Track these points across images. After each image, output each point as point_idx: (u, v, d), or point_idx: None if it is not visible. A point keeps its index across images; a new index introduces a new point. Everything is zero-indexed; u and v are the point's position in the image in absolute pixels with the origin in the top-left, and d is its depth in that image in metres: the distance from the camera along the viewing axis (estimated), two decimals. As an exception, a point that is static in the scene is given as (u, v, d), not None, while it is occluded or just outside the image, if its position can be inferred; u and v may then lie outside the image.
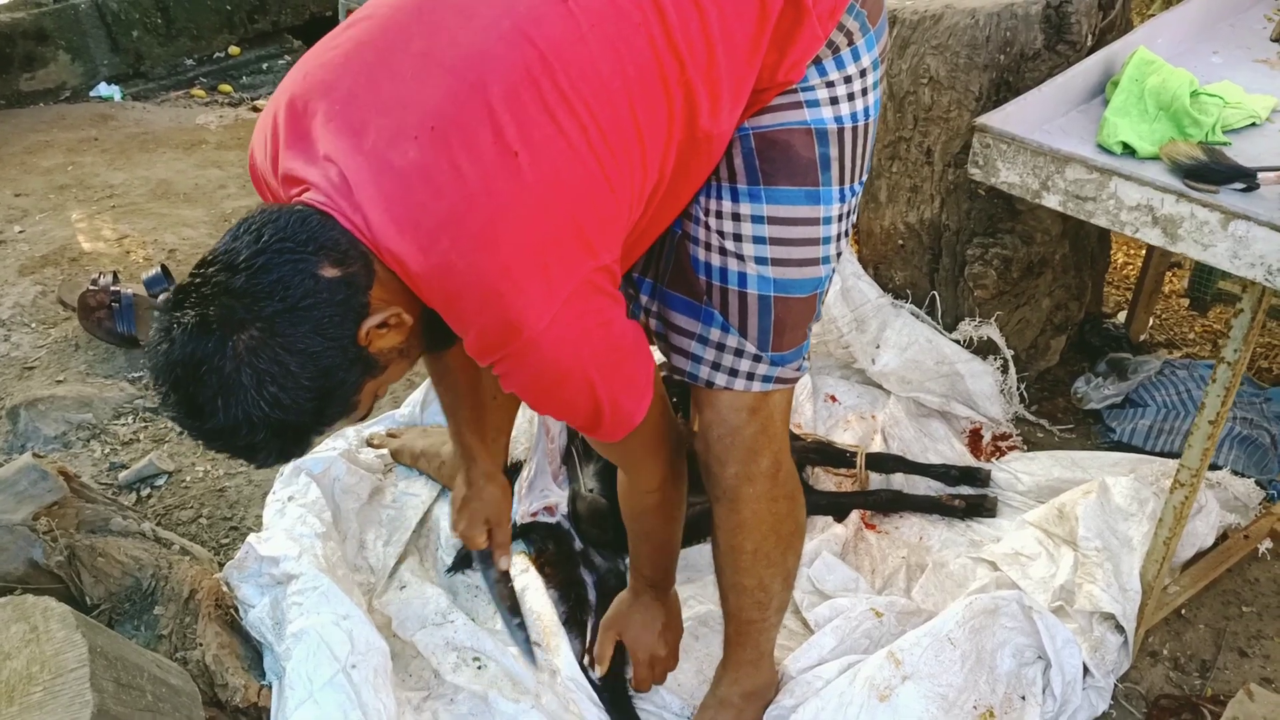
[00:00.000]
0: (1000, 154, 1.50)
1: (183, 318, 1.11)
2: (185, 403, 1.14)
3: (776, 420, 1.50)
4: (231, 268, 1.12)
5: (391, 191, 1.16)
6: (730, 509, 1.53)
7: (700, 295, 1.43)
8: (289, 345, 1.13)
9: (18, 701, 1.41)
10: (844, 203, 1.42)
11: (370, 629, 1.69)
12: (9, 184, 3.38)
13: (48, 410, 2.30)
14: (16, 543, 1.70)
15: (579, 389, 1.30)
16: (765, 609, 1.64)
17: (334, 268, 1.14)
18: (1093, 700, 1.82)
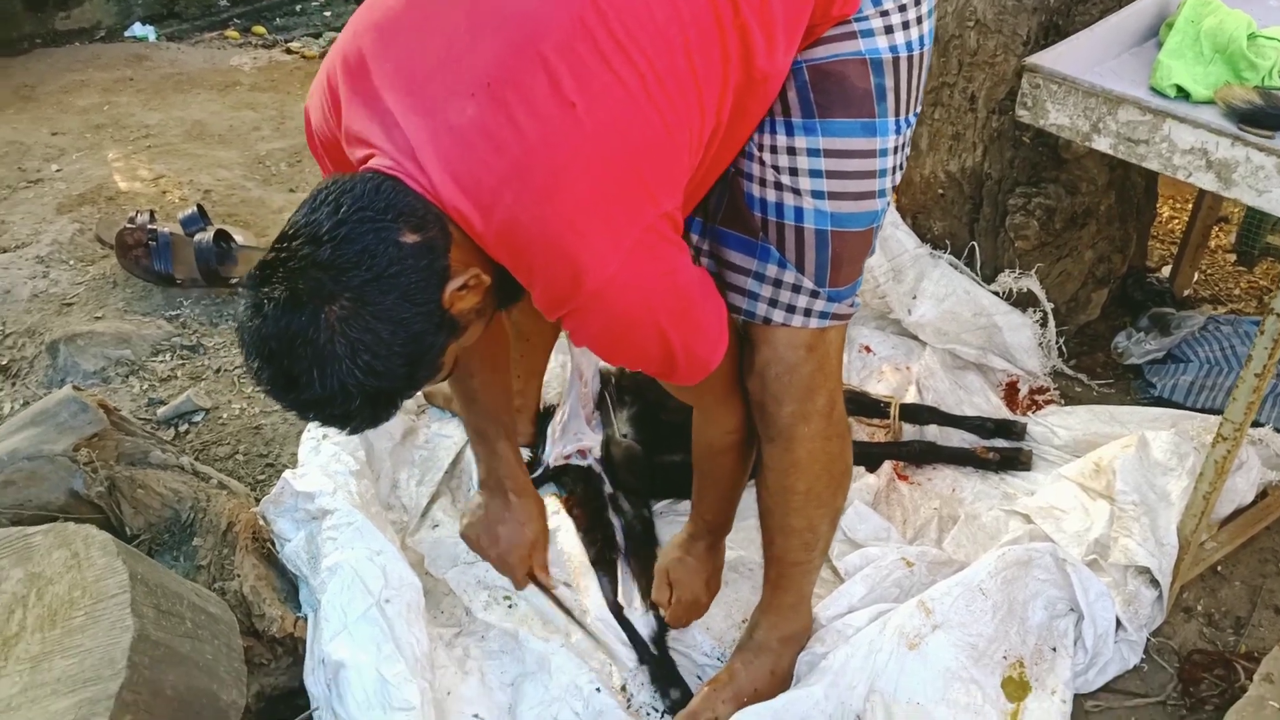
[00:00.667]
0: (1050, 95, 1.46)
1: (272, 292, 1.13)
2: (280, 376, 1.15)
3: (833, 357, 1.49)
4: (316, 240, 1.13)
5: (451, 151, 1.16)
6: (785, 448, 1.52)
7: (756, 232, 1.41)
8: (379, 313, 1.14)
9: (60, 625, 1.43)
10: (899, 134, 1.40)
11: (403, 565, 1.71)
12: (46, 123, 3.39)
13: (87, 346, 2.32)
14: (57, 473, 1.72)
15: (649, 336, 1.30)
16: (811, 550, 1.64)
17: (414, 233, 1.15)
18: (1124, 654, 1.82)
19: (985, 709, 1.69)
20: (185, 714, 1.43)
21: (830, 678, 1.68)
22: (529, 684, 1.74)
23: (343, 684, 1.59)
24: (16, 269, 2.57)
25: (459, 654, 1.79)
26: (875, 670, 1.69)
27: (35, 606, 1.46)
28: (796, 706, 1.66)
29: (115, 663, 1.36)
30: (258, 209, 2.96)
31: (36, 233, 2.76)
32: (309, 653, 1.66)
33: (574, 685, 1.72)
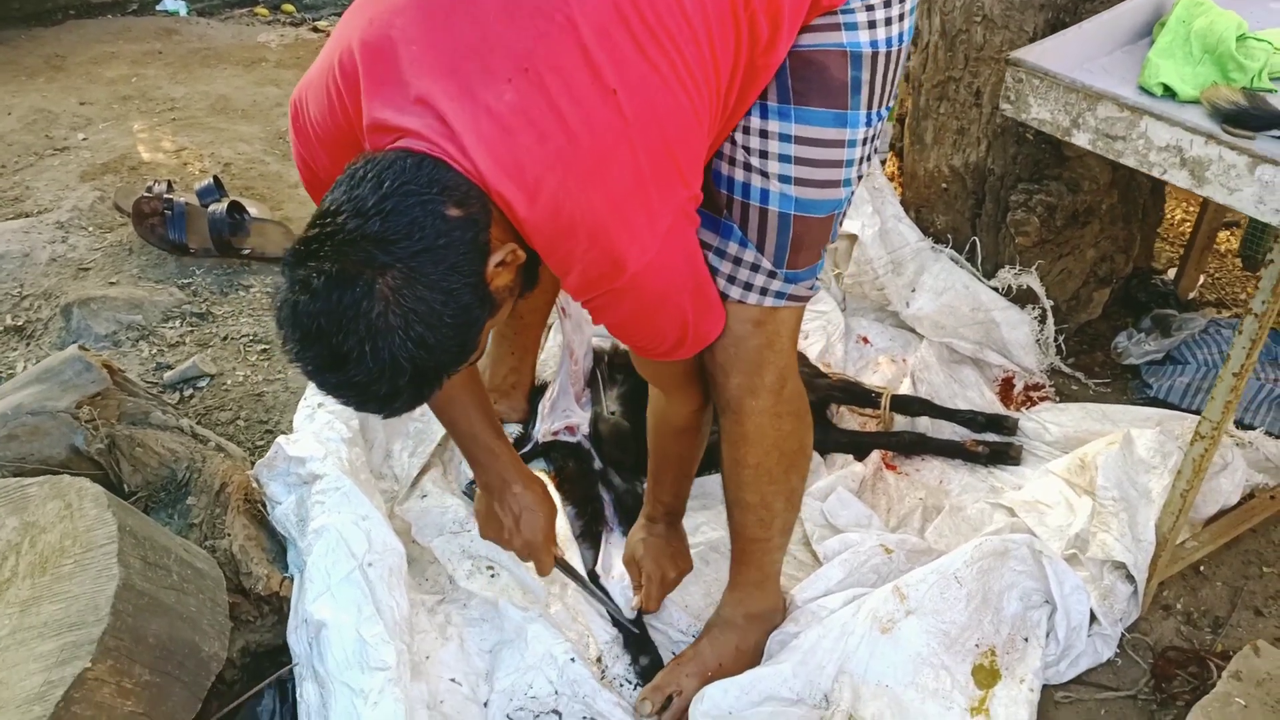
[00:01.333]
0: (1032, 89, 1.48)
1: (321, 266, 1.11)
2: (328, 354, 1.14)
3: (783, 336, 1.51)
4: (362, 214, 1.12)
5: (492, 135, 1.17)
6: (734, 421, 1.56)
7: (720, 209, 1.45)
8: (431, 284, 1.14)
9: (50, 572, 1.49)
10: (870, 127, 1.42)
11: (388, 530, 1.75)
12: (75, 92, 3.46)
13: (99, 310, 2.38)
14: (60, 429, 1.78)
15: (673, 316, 1.36)
16: (768, 528, 1.66)
17: (457, 208, 1.16)
18: (1098, 647, 1.83)
19: (954, 694, 1.71)
20: (167, 662, 1.48)
21: (800, 656, 1.72)
22: (506, 651, 1.78)
23: (323, 643, 1.63)
24: (37, 233, 2.64)
25: (440, 620, 1.83)
26: (846, 652, 1.72)
27: (28, 554, 1.52)
28: (763, 683, 1.69)
29: (99, 609, 1.42)
30: (275, 183, 3.02)
31: (59, 199, 2.82)
32: (293, 612, 1.71)
33: (549, 655, 1.75)
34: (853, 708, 1.68)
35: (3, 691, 1.37)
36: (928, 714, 1.69)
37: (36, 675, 1.37)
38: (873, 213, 2.42)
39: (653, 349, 1.42)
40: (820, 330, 2.48)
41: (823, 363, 2.39)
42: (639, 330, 1.39)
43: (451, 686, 1.73)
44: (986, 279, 2.43)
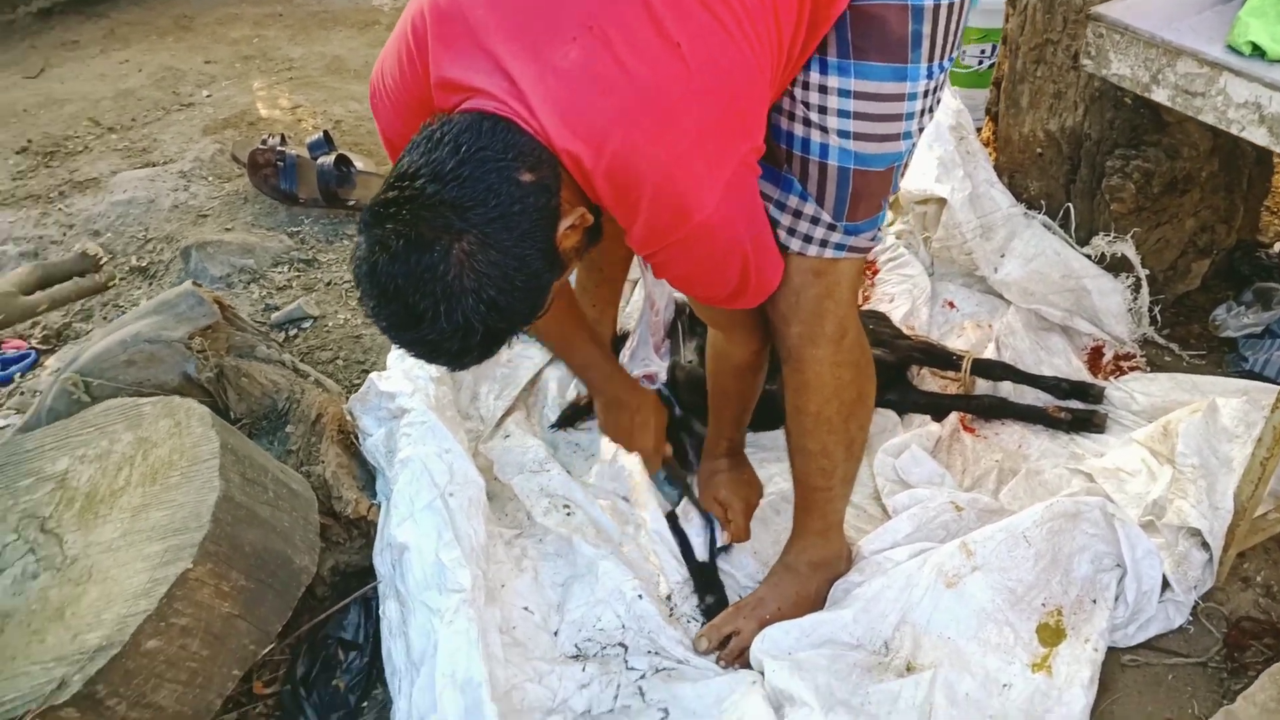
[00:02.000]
0: (1113, 45, 1.46)
1: (399, 229, 1.16)
2: (404, 312, 1.19)
3: (843, 287, 1.54)
4: (439, 178, 1.17)
5: (560, 93, 1.20)
6: (795, 369, 1.59)
7: (780, 162, 1.47)
8: (504, 249, 1.19)
9: (159, 482, 1.62)
10: (931, 79, 1.42)
11: (469, 464, 1.84)
12: (200, 52, 3.65)
13: (215, 253, 2.53)
14: (173, 357, 1.92)
15: (735, 266, 1.39)
16: (830, 477, 1.69)
17: (530, 173, 1.20)
18: (1170, 614, 1.81)
19: (1016, 650, 1.72)
20: (260, 570, 1.59)
21: (862, 604, 1.75)
22: (577, 585, 1.85)
23: (405, 565, 1.73)
24: (162, 182, 2.81)
25: (517, 553, 1.92)
26: (910, 602, 1.75)
27: (140, 465, 1.65)
28: (824, 627, 1.73)
29: (201, 517, 1.54)
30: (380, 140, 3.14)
31: (182, 151, 3.00)
32: (379, 535, 1.82)
33: (618, 590, 1.82)
34: (912, 656, 1.71)
35: (113, 586, 1.50)
36: (988, 667, 1.70)
37: (143, 573, 1.50)
38: (964, 177, 2.40)
39: (715, 297, 1.46)
40: (906, 294, 2.48)
41: (906, 326, 2.39)
42: (702, 280, 1.42)
43: (524, 614, 1.82)
44: (1080, 246, 2.39)
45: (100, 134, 3.14)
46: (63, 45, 3.70)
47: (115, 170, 2.93)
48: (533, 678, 1.73)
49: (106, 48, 3.66)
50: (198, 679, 1.54)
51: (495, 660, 1.66)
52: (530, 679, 1.72)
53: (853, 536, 1.90)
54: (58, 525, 1.63)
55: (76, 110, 3.26)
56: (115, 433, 1.72)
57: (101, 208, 2.74)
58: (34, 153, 3.09)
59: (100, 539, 1.58)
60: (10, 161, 3.05)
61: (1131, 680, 1.76)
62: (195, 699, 1.55)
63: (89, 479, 1.68)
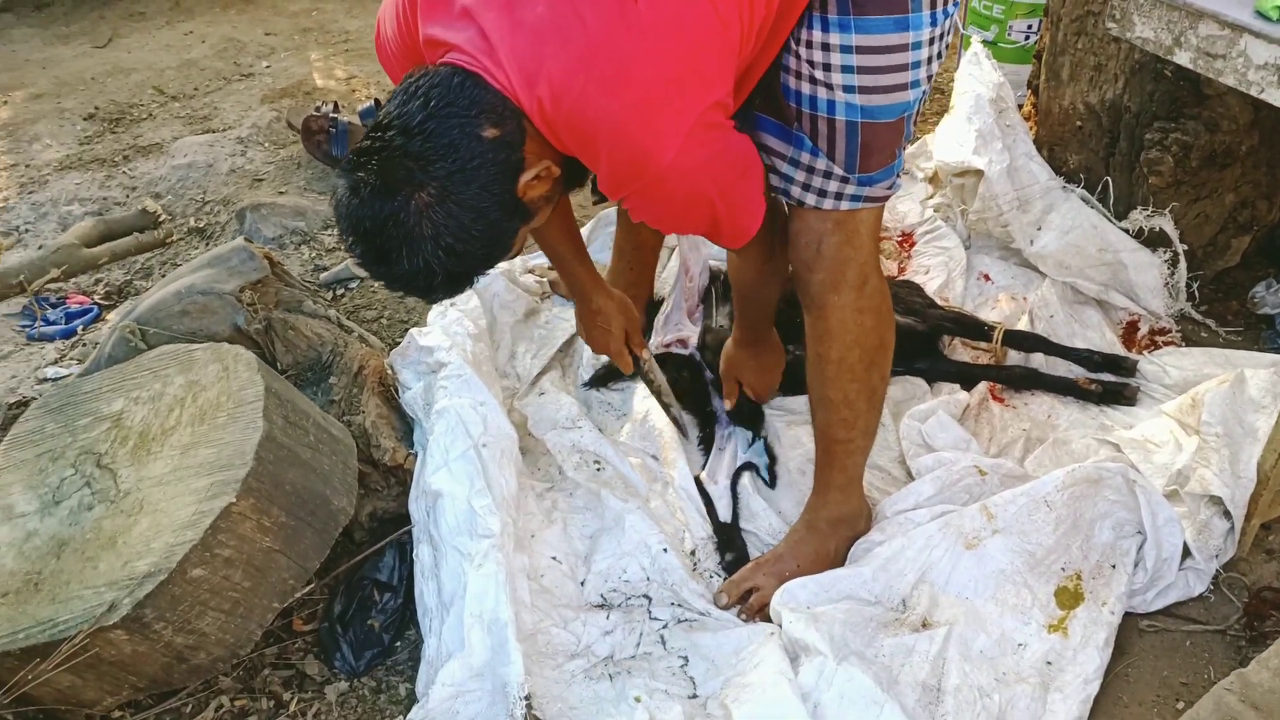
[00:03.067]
0: (1136, 7, 1.48)
1: (368, 178, 1.29)
2: (373, 251, 1.33)
3: (863, 234, 1.57)
4: (407, 132, 1.28)
5: (523, 46, 1.29)
6: (817, 316, 1.63)
7: (790, 120, 1.51)
8: (461, 202, 1.30)
9: (207, 422, 1.70)
10: (935, 26, 1.44)
11: (502, 417, 1.90)
12: (261, 24, 3.76)
13: (269, 215, 2.62)
14: (225, 308, 2.00)
15: (701, 212, 1.45)
16: (851, 428, 1.73)
17: (494, 128, 1.30)
18: (1190, 581, 1.82)
19: (1033, 611, 1.74)
20: (300, 508, 1.67)
21: (881, 562, 1.78)
22: (605, 538, 1.91)
23: (439, 511, 1.80)
24: (220, 147, 2.91)
25: (547, 505, 1.98)
26: (928, 562, 1.78)
27: (190, 406, 1.74)
28: (843, 583, 1.76)
29: (245, 455, 1.62)
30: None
31: (241, 118, 3.10)
32: (414, 483, 1.89)
33: (644, 544, 1.87)
34: (929, 613, 1.74)
35: (162, 518, 1.59)
36: (1004, 627, 1.72)
37: (190, 506, 1.58)
38: (1002, 149, 2.41)
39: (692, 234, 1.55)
40: (942, 265, 2.50)
41: (941, 297, 2.41)
42: (671, 222, 1.53)
43: (552, 564, 1.88)
44: (1118, 220, 2.39)
45: (164, 102, 3.26)
46: (130, 16, 3.83)
47: (177, 136, 3.04)
48: (558, 623, 1.79)
49: (172, 19, 3.78)
50: (239, 609, 1.62)
51: (522, 605, 1.73)
52: (556, 624, 1.79)
53: (875, 498, 1.93)
54: (112, 461, 1.72)
55: (142, 79, 3.38)
56: (168, 376, 1.81)
57: (163, 171, 2.84)
58: (100, 119, 3.21)
59: (151, 474, 1.67)
60: (78, 127, 3.17)
61: (1149, 645, 1.78)
62: (236, 628, 1.63)
63: (142, 419, 1.77)
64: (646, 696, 1.66)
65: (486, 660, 1.63)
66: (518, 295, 2.31)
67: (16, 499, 1.74)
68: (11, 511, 1.72)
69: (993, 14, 2.97)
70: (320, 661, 1.79)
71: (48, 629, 1.52)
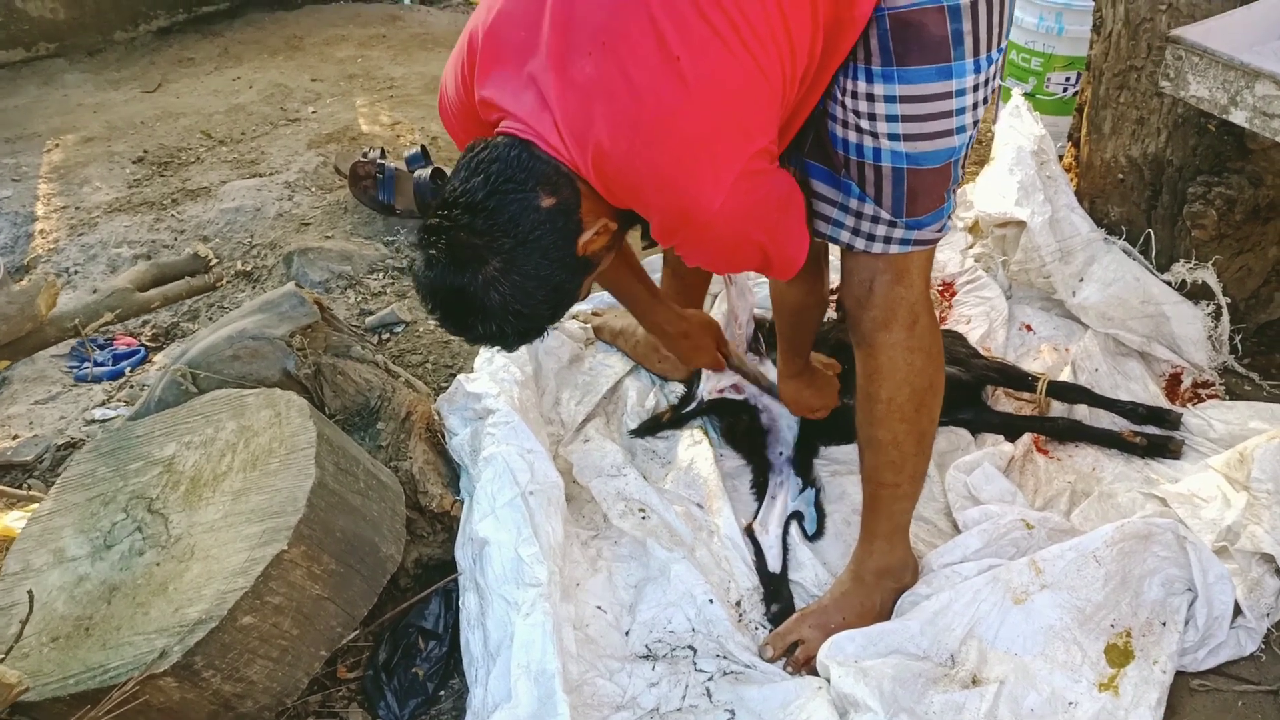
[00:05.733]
0: (1191, 66, 1.49)
1: (440, 255, 1.41)
2: (450, 318, 1.47)
3: (914, 274, 1.59)
4: (471, 209, 1.39)
5: (575, 107, 1.36)
6: (867, 354, 1.64)
7: (839, 167, 1.53)
8: (525, 272, 1.41)
9: (259, 468, 1.72)
10: (979, 73, 1.45)
11: (549, 465, 1.91)
12: (308, 70, 3.83)
13: (316, 259, 2.66)
14: (275, 353, 2.03)
15: (750, 253, 1.51)
16: (899, 471, 1.72)
17: (549, 196, 1.40)
18: (1241, 640, 1.80)
19: (1083, 669, 1.73)
20: (349, 555, 1.68)
21: (929, 616, 1.77)
22: (650, 587, 1.91)
23: (485, 559, 1.81)
24: (268, 191, 2.96)
25: (592, 554, 1.98)
26: (977, 616, 1.76)
27: (242, 452, 1.76)
28: (890, 637, 1.75)
29: (297, 501, 1.64)
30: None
31: (288, 163, 3.15)
32: (461, 530, 1.90)
33: (689, 594, 1.87)
34: (978, 669, 1.72)
35: (213, 565, 1.61)
36: (1055, 684, 1.71)
37: (242, 553, 1.60)
38: (1044, 201, 2.42)
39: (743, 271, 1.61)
40: (983, 315, 2.50)
41: (983, 347, 2.41)
42: (723, 264, 1.61)
43: (597, 613, 1.88)
44: (1160, 273, 2.39)
45: (211, 146, 3.32)
46: (179, 62, 3.92)
47: (225, 180, 3.09)
48: (604, 674, 1.79)
49: (220, 65, 3.86)
50: (287, 656, 1.63)
51: (568, 655, 1.72)
52: (601, 675, 1.78)
53: (921, 550, 1.92)
54: (164, 506, 1.74)
55: (190, 123, 3.45)
56: (220, 421, 1.83)
57: (211, 215, 2.89)
58: (150, 162, 3.28)
59: (203, 520, 1.69)
60: (128, 170, 3.24)
61: (1200, 705, 1.75)
62: (284, 676, 1.64)
63: (194, 464, 1.79)
64: (693, 750, 1.65)
65: (534, 712, 1.62)
66: (562, 341, 2.33)
67: (68, 543, 1.76)
68: (63, 555, 1.74)
69: (1030, 66, 2.99)
70: (364, 710, 1.79)
71: (98, 675, 1.53)
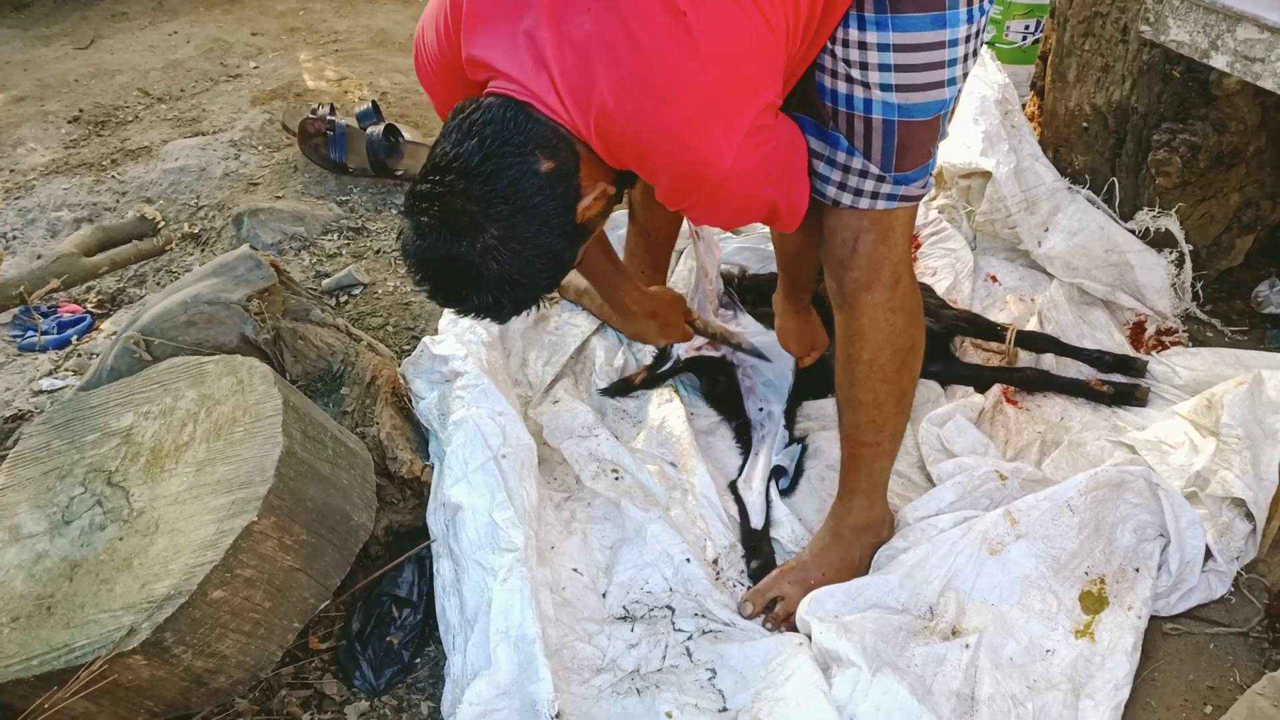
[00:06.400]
0: (1172, 10, 1.47)
1: (433, 222, 1.33)
2: (443, 289, 1.41)
3: (897, 233, 1.57)
4: (466, 174, 1.31)
5: (574, 65, 1.29)
6: (849, 315, 1.62)
7: (826, 120, 1.49)
8: (524, 240, 1.35)
9: (223, 438, 1.66)
10: (972, 23, 1.43)
11: (521, 427, 1.88)
12: (248, 24, 3.69)
13: (267, 220, 2.57)
14: (232, 318, 1.95)
15: (762, 207, 1.48)
16: (879, 430, 1.71)
17: (549, 160, 1.33)
18: (1212, 583, 1.82)
19: (1059, 617, 1.74)
20: (320, 525, 1.64)
21: (907, 569, 1.77)
22: (626, 548, 1.89)
23: (459, 524, 1.77)
24: (212, 150, 2.85)
25: (566, 516, 1.95)
26: (954, 568, 1.77)
27: (204, 421, 1.70)
28: (869, 591, 1.75)
29: (265, 471, 1.58)
30: (427, 112, 3.17)
31: (232, 121, 3.04)
32: (432, 496, 1.86)
33: (666, 554, 1.85)
34: (957, 621, 1.73)
35: (180, 538, 1.55)
36: (1032, 633, 1.72)
37: (210, 525, 1.54)
38: (1009, 151, 2.41)
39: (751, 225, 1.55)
40: (949, 267, 2.49)
41: (950, 299, 2.40)
42: (733, 221, 1.55)
43: (573, 575, 1.86)
44: (1124, 221, 2.40)
45: (150, 104, 3.19)
46: (112, 17, 3.76)
47: (166, 139, 2.98)
48: (582, 637, 1.77)
49: (155, 19, 3.71)
50: (260, 630, 1.59)
51: (546, 619, 1.70)
52: (580, 638, 1.76)
53: (896, 504, 1.92)
54: (124, 479, 1.68)
55: (127, 80, 3.31)
56: (179, 390, 1.77)
57: (154, 175, 2.78)
58: (86, 122, 3.14)
59: (166, 492, 1.63)
60: (63, 130, 3.10)
61: (1173, 649, 1.78)
62: (257, 649, 1.60)
63: (154, 434, 1.72)
64: (677, 711, 1.64)
65: (514, 678, 1.60)
66: (527, 301, 2.28)
67: (24, 519, 1.69)
68: (19, 532, 1.67)
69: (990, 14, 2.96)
70: (339, 680, 1.75)
71: (63, 654, 1.48)
